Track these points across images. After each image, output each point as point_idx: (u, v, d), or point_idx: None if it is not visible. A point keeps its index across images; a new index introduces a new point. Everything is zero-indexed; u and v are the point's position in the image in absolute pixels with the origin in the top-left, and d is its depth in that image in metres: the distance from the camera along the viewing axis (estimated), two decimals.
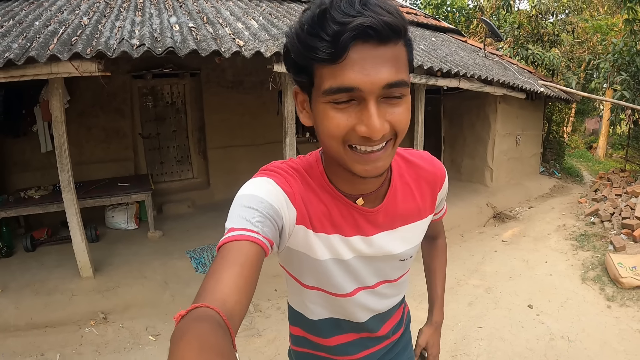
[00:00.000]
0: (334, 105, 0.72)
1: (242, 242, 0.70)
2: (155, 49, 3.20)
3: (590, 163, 15.02)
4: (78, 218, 3.94)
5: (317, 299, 1.01)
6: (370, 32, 0.66)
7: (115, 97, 5.88)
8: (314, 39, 0.68)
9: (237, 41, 3.67)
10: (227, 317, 0.58)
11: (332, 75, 0.69)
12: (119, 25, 3.78)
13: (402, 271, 1.07)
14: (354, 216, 0.92)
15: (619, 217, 5.90)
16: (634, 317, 3.73)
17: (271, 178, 0.84)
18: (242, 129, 6.82)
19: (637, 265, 4.38)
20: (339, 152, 0.77)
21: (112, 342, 3.48)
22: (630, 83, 8.81)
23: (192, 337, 0.50)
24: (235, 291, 0.63)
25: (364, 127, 0.71)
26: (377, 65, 0.68)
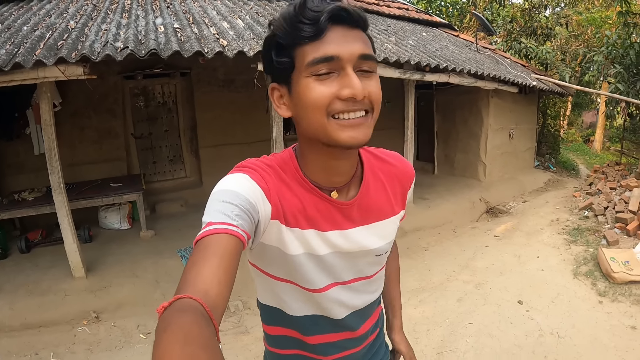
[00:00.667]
0: (316, 78, 0.79)
1: (221, 235, 0.71)
2: (139, 51, 3.21)
3: (587, 156, 15.02)
4: (69, 219, 3.98)
5: (291, 292, 1.01)
6: (343, 14, 0.78)
7: (107, 98, 5.90)
8: (297, 24, 0.78)
9: (220, 41, 3.68)
10: (209, 309, 0.58)
11: (315, 49, 0.78)
12: (105, 28, 3.79)
13: (378, 267, 1.08)
14: (330, 210, 0.94)
15: (613, 210, 5.90)
16: (625, 313, 3.72)
17: (246, 174, 0.86)
18: (233, 128, 6.84)
19: (630, 259, 4.36)
20: (322, 125, 0.81)
21: (104, 340, 3.54)
22: (624, 76, 8.80)
23: (176, 329, 0.51)
24: (216, 283, 0.64)
25: (347, 89, 0.77)
26: (352, 40, 0.79)
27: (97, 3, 4.81)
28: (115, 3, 4.97)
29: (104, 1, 5.01)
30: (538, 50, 10.15)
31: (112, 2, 5.02)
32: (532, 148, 9.50)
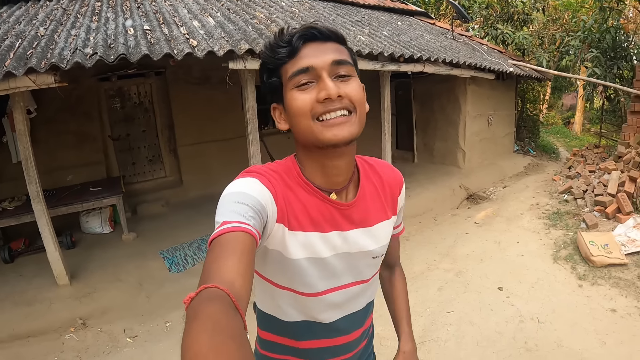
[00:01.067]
0: (298, 89, 0.89)
1: (238, 232, 0.74)
2: (108, 56, 3.17)
3: (567, 139, 15.19)
4: (50, 228, 3.95)
5: (288, 299, 1.03)
6: (314, 32, 0.89)
7: (83, 101, 5.82)
8: (277, 48, 0.90)
9: (190, 41, 3.65)
10: (236, 299, 0.59)
11: (293, 65, 0.89)
12: (74, 34, 3.72)
13: (374, 269, 1.12)
14: (330, 211, 0.99)
15: (592, 194, 5.97)
16: (605, 296, 3.80)
17: (256, 178, 0.90)
18: (211, 125, 6.82)
19: (609, 242, 4.43)
20: (309, 127, 0.89)
21: (92, 346, 3.54)
22: (600, 60, 8.94)
23: (205, 318, 0.52)
24: (240, 275, 0.66)
25: (323, 92, 0.86)
26: (324, 51, 0.89)
27: (67, 7, 4.72)
28: (85, 6, 4.88)
29: (74, 4, 4.92)
30: (515, 36, 10.23)
31: (82, 4, 4.93)
32: (511, 133, 9.60)
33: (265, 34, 4.22)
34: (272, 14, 5.27)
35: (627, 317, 3.48)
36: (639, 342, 3.18)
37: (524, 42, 10.28)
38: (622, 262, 4.18)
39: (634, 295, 3.77)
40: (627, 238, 4.49)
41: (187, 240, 5.18)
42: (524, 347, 3.15)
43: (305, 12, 5.97)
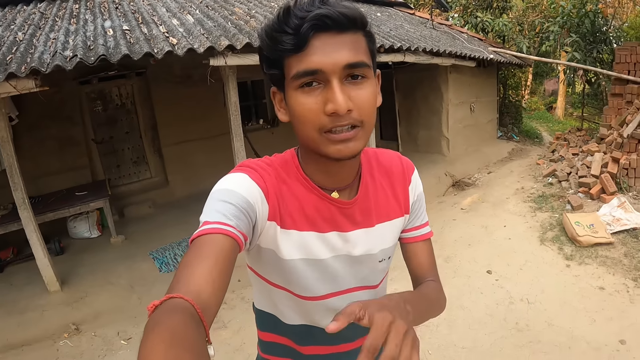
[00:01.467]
0: (302, 90, 0.77)
1: (217, 235, 0.70)
2: (88, 58, 3.15)
3: (550, 123, 15.41)
4: (38, 235, 3.91)
5: (286, 300, 0.98)
6: (327, 21, 0.73)
7: (65, 105, 5.75)
8: (280, 34, 0.75)
9: (170, 40, 3.64)
10: (201, 310, 0.57)
11: (298, 61, 0.75)
12: (53, 37, 3.68)
13: (381, 275, 1.05)
14: (330, 210, 0.92)
15: (576, 176, 6.08)
16: (593, 275, 3.89)
17: (246, 173, 0.86)
18: (195, 123, 6.77)
19: (594, 222, 4.53)
20: (314, 138, 0.80)
21: (87, 351, 3.52)
22: (580, 44, 9.07)
23: (164, 329, 0.50)
24: (210, 283, 0.63)
25: (330, 104, 0.75)
26: (337, 49, 0.75)
27: (44, 11, 4.66)
28: (63, 9, 4.83)
29: (52, 8, 4.86)
30: (494, 23, 10.33)
31: (60, 7, 4.88)
32: (494, 119, 9.71)
33: (245, 30, 4.20)
34: (252, 9, 5.26)
35: (615, 295, 3.57)
36: (628, 318, 3.27)
37: (504, 29, 10.39)
38: (608, 241, 4.27)
39: (622, 272, 3.86)
40: (612, 217, 4.59)
41: (176, 240, 5.17)
42: (515, 328, 3.22)
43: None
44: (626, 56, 7.22)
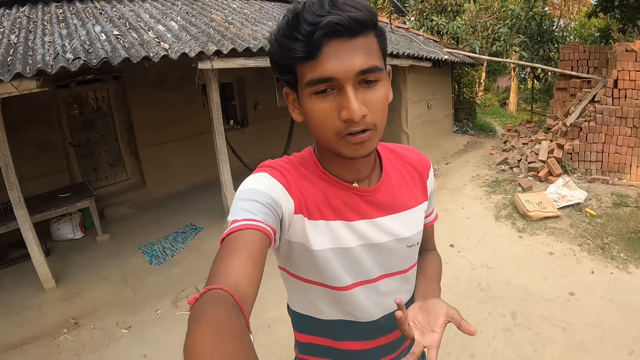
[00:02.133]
0: (317, 96, 0.79)
1: (246, 230, 0.72)
2: (90, 60, 3.38)
3: (504, 118, 16.36)
4: (33, 233, 4.04)
5: (321, 295, 0.98)
6: (339, 28, 0.73)
7: (43, 109, 5.82)
8: (291, 41, 0.76)
9: (162, 44, 3.91)
10: (240, 300, 0.59)
11: (312, 69, 0.76)
12: (49, 40, 3.85)
13: (411, 260, 1.05)
14: (354, 199, 0.93)
15: (526, 162, 6.74)
16: (543, 243, 4.49)
17: (266, 172, 0.88)
18: (169, 125, 6.96)
19: (542, 200, 5.14)
20: (330, 141, 0.82)
21: (89, 343, 3.63)
22: (527, 44, 9.86)
23: (208, 319, 0.52)
24: (246, 275, 0.65)
25: (345, 111, 0.76)
26: (350, 55, 0.75)
27: (30, 15, 4.78)
28: (48, 13, 4.95)
29: (36, 12, 4.98)
30: (449, 26, 11.00)
31: (45, 12, 5.00)
32: (449, 115, 10.40)
33: (227, 36, 4.52)
34: (228, 16, 5.57)
35: (563, 258, 4.14)
36: (575, 276, 3.85)
37: (457, 31, 11.09)
38: (555, 214, 4.87)
39: (568, 240, 4.45)
40: (558, 195, 5.19)
41: (161, 235, 5.38)
42: (478, 288, 3.71)
43: (257, 13, 6.30)
44: (570, 54, 7.99)
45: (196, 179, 7.24)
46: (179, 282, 4.44)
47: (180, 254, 4.97)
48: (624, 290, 3.69)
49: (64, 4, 5.27)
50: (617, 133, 6.25)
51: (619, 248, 4.38)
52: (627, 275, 3.95)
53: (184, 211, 6.14)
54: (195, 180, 7.23)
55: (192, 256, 4.93)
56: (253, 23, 5.53)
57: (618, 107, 6.25)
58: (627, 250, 4.33)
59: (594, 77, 7.43)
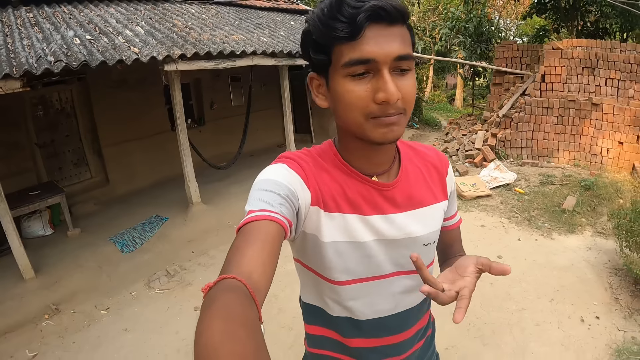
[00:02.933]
0: (352, 78, 0.79)
1: (262, 221, 0.73)
2: (71, 63, 3.71)
3: (450, 113, 17.33)
4: (13, 225, 4.27)
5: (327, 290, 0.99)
6: (381, 13, 0.76)
7: (9, 111, 5.98)
8: (334, 22, 0.77)
9: (132, 49, 4.28)
10: (253, 290, 0.59)
11: (351, 49, 0.77)
12: (27, 44, 4.09)
13: (427, 260, 1.03)
14: (371, 193, 0.93)
15: (463, 151, 7.47)
16: (476, 217, 5.16)
17: (284, 163, 0.89)
18: (131, 124, 7.23)
19: (476, 182, 5.84)
20: (360, 124, 0.82)
21: (70, 326, 3.88)
22: (466, 44, 10.69)
23: (220, 306, 0.53)
24: (260, 265, 0.65)
25: (382, 93, 0.77)
26: (389, 41, 0.77)
27: (2, 18, 4.95)
28: (20, 17, 5.14)
29: (7, 15, 5.15)
30: None
31: (16, 15, 5.17)
32: None
33: (190, 40, 4.92)
34: (188, 21, 5.95)
35: (493, 229, 4.81)
36: (503, 243, 4.56)
37: None
38: (487, 194, 5.56)
39: (498, 214, 5.13)
40: (490, 177, 5.90)
41: (129, 227, 5.71)
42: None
43: (214, 18, 6.69)
44: (504, 52, 8.82)
45: (157, 175, 7.59)
46: (149, 266, 4.81)
47: (149, 242, 5.32)
48: (546, 253, 4.39)
49: (33, 8, 5.46)
50: (545, 122, 7.08)
51: (543, 219, 5.11)
52: (550, 241, 4.68)
53: (149, 204, 6.46)
54: (156, 177, 7.58)
55: (160, 243, 5.30)
56: (211, 28, 5.94)
57: (545, 99, 7.07)
58: (551, 221, 5.06)
59: (526, 73, 8.25)
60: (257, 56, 5.59)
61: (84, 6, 5.86)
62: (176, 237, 5.43)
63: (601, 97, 6.71)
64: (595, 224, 4.93)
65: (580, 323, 3.30)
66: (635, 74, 6.56)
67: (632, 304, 3.48)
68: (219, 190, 6.74)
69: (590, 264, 4.12)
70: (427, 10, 14.69)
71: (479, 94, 18.25)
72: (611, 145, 6.52)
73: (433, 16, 14.90)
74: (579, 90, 7.00)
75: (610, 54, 6.79)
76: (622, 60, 6.64)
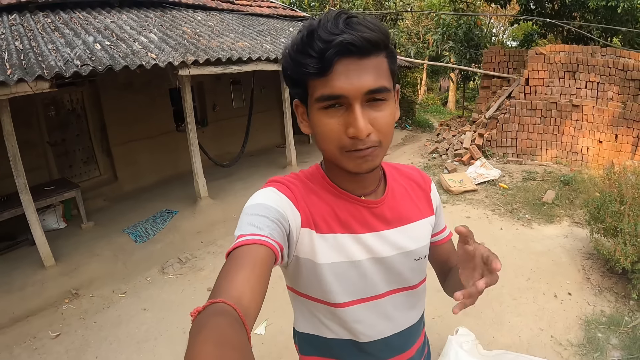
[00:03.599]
0: (325, 111, 0.81)
1: (251, 245, 0.73)
2: (96, 67, 4.08)
3: (442, 115, 17.83)
4: (36, 215, 4.63)
5: (326, 313, 0.98)
6: (351, 48, 0.75)
7: (22, 111, 6.29)
8: (304, 56, 0.78)
9: (150, 55, 4.66)
10: (242, 314, 0.59)
11: (322, 85, 0.79)
12: (52, 48, 4.44)
13: (420, 275, 1.05)
14: (361, 212, 0.94)
15: (453, 150, 7.92)
16: (462, 210, 5.59)
17: (274, 187, 0.90)
18: (138, 125, 7.60)
19: (463, 178, 6.29)
20: (335, 155, 0.85)
21: (90, 308, 4.19)
22: (456, 49, 11.18)
23: (210, 331, 0.52)
24: (249, 290, 0.66)
25: (352, 129, 0.79)
26: (360, 75, 0.77)
27: (22, 23, 5.26)
28: (38, 22, 5.45)
29: (27, 20, 5.46)
30: None
31: (35, 21, 5.49)
32: None
33: (200, 47, 5.32)
34: (196, 28, 6.35)
35: (478, 220, 5.24)
36: (487, 231, 5.01)
37: (395, 38, 12.29)
38: (473, 189, 6.01)
39: (483, 207, 5.57)
40: (476, 174, 6.35)
41: (142, 219, 6.08)
42: None
43: (219, 25, 7.09)
44: (492, 57, 9.28)
45: (162, 173, 7.99)
46: (162, 255, 5.19)
47: (160, 233, 5.70)
48: (526, 240, 4.82)
49: (49, 13, 5.80)
50: (528, 122, 7.56)
51: (525, 211, 5.55)
52: (530, 230, 5.12)
53: (157, 200, 6.82)
54: (161, 175, 7.97)
55: (171, 234, 5.68)
56: (218, 35, 6.35)
57: (529, 101, 7.53)
58: (532, 212, 5.50)
59: (512, 77, 8.71)
60: (261, 62, 5.98)
61: (97, 12, 6.24)
62: (186, 229, 5.81)
63: (581, 99, 7.20)
64: (572, 215, 5.37)
65: (553, 298, 3.72)
66: (614, 77, 7.03)
67: (602, 283, 3.90)
68: (224, 186, 7.12)
69: (565, 249, 4.55)
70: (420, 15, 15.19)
71: (470, 97, 18.79)
72: (591, 143, 7.01)
73: (426, 21, 15.39)
74: (561, 92, 7.48)
75: (591, 58, 7.27)
76: (602, 64, 7.12)
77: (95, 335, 3.78)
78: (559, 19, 8.88)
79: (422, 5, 15.23)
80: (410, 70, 14.08)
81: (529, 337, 3.23)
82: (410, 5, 14.37)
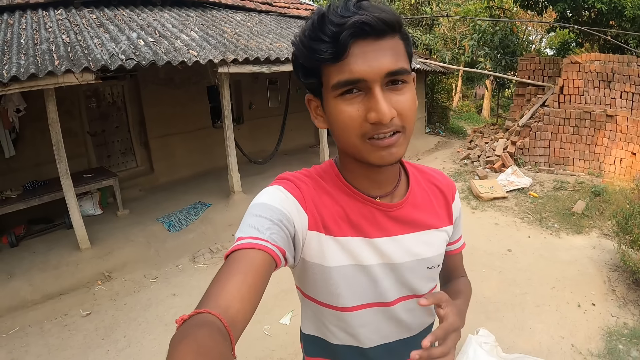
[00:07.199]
0: (343, 98, 0.76)
1: (249, 250, 0.71)
2: (140, 62, 4.29)
3: (476, 122, 17.66)
4: (75, 200, 4.88)
5: (332, 318, 0.95)
6: (366, 28, 0.71)
7: (65, 101, 6.60)
8: (317, 42, 0.73)
9: (191, 52, 4.85)
10: (228, 324, 0.58)
11: (338, 71, 0.74)
12: (97, 42, 4.69)
13: (431, 283, 1.01)
14: (375, 215, 0.89)
15: (485, 157, 7.87)
16: (491, 217, 5.57)
17: (281, 185, 0.86)
18: (175, 119, 7.87)
19: (493, 185, 6.26)
20: (356, 146, 0.79)
21: (121, 291, 4.38)
22: (491, 55, 11.09)
23: (191, 341, 0.52)
24: (238, 299, 0.64)
25: (374, 113, 0.73)
26: (378, 56, 0.73)
27: (68, 18, 5.54)
28: (84, 18, 5.74)
29: (72, 16, 5.75)
30: (422, 38, 12.20)
31: (81, 17, 5.78)
32: (422, 118, 11.70)
33: (240, 46, 5.49)
34: (235, 28, 6.54)
35: (505, 227, 5.23)
36: (514, 238, 4.98)
37: (430, 43, 12.28)
38: (503, 196, 5.98)
39: (511, 215, 5.54)
40: (507, 181, 6.31)
41: (175, 209, 6.29)
42: None
43: (258, 26, 7.28)
44: (527, 64, 9.16)
45: (198, 167, 8.22)
46: (194, 244, 5.36)
47: (193, 223, 5.89)
48: (553, 250, 4.78)
49: (94, 9, 6.09)
50: (562, 131, 7.44)
51: (554, 220, 5.49)
52: (558, 239, 5.07)
53: (191, 192, 7.04)
54: (197, 169, 8.21)
55: (203, 225, 5.85)
56: (257, 35, 6.52)
57: (562, 110, 7.42)
58: (561, 222, 5.44)
59: (547, 85, 8.58)
60: None
61: (140, 10, 6.50)
62: (218, 221, 5.99)
63: (616, 110, 7.04)
64: (602, 226, 5.28)
65: (577, 308, 3.69)
66: None
67: (627, 295, 3.85)
68: (257, 182, 7.26)
69: (592, 260, 4.49)
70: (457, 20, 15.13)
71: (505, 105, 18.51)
72: (624, 155, 6.85)
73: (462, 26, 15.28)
74: (595, 102, 7.34)
75: (627, 68, 7.10)
76: (638, 74, 6.95)
77: (125, 316, 3.95)
78: (595, 27, 8.68)
79: (459, 11, 15.14)
80: (445, 76, 14.05)
81: (549, 344, 3.23)
82: (446, 10, 14.35)
